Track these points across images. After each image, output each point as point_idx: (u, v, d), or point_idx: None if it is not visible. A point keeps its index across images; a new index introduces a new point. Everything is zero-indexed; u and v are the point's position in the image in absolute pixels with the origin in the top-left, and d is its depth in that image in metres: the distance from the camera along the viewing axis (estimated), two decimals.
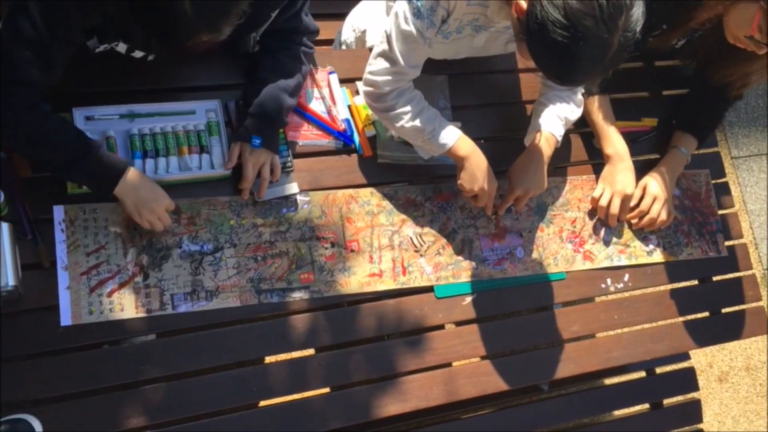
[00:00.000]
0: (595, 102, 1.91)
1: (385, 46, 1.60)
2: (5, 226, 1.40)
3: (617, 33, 1.29)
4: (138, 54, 1.53)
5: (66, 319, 1.47)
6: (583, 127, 2.00)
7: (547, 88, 1.80)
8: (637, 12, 1.31)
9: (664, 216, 1.93)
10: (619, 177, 1.89)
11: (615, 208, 1.89)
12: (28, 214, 1.50)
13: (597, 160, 2.00)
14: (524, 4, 1.35)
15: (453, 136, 1.67)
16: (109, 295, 1.51)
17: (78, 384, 1.49)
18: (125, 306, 1.51)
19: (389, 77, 1.62)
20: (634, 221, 1.95)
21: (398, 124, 1.67)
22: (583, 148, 2.01)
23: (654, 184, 1.92)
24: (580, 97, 1.81)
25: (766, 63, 1.75)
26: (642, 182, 1.94)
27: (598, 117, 1.92)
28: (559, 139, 1.78)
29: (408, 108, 1.64)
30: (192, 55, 1.62)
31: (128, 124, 1.59)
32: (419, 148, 1.76)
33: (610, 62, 1.33)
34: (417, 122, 1.65)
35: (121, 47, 1.49)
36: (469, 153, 1.69)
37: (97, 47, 1.45)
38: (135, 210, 1.49)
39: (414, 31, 1.55)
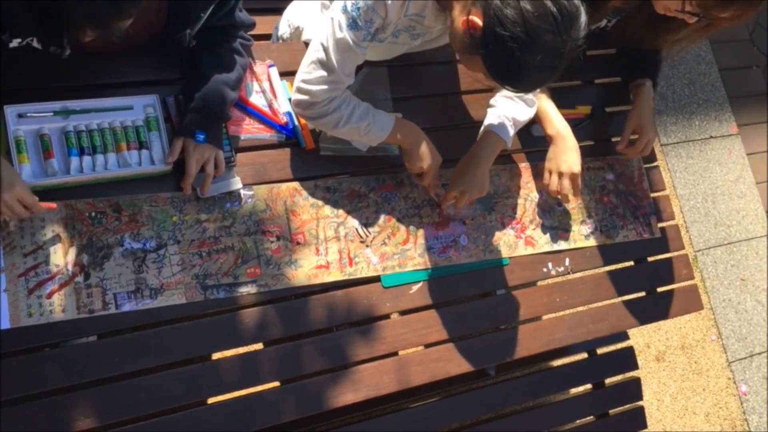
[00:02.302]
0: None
1: (321, 55, 1.56)
2: None
3: (570, 42, 1.35)
4: (54, 50, 1.46)
5: (5, 322, 1.43)
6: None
7: (498, 88, 1.83)
8: (583, 19, 1.36)
9: (648, 151, 2.07)
10: (564, 157, 1.89)
11: (566, 189, 1.89)
12: None
13: (535, 148, 2.04)
14: (479, 21, 1.37)
15: (388, 125, 1.68)
16: (49, 296, 1.47)
17: (20, 388, 1.44)
18: (66, 307, 1.48)
19: (325, 86, 1.58)
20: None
21: (333, 128, 1.64)
22: (521, 136, 2.04)
23: (646, 127, 2.03)
24: (530, 96, 1.84)
25: (695, 28, 1.81)
26: (631, 125, 2.04)
27: (539, 102, 1.96)
28: (508, 141, 1.80)
29: (341, 110, 1.61)
30: (107, 50, 1.58)
31: (63, 121, 1.54)
32: (356, 142, 1.75)
33: (561, 69, 1.39)
34: (352, 122, 1.63)
35: (37, 43, 1.44)
36: (407, 133, 1.71)
37: (10, 42, 1.39)
38: None
39: (350, 40, 1.52)
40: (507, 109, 1.80)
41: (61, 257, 1.50)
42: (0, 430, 1.40)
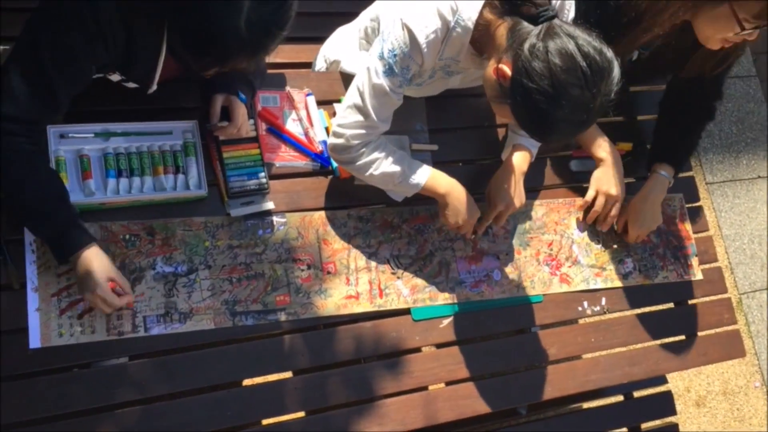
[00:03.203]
0: None
1: (357, 100, 1.56)
2: None
3: (599, 97, 1.32)
4: (131, 85, 1.53)
5: (35, 341, 1.44)
6: (558, 151, 2.02)
7: None
8: (616, 73, 1.34)
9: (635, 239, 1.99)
10: (615, 180, 1.88)
11: (611, 215, 1.90)
12: None
13: (573, 183, 2.01)
14: (508, 70, 1.36)
15: (424, 175, 1.65)
16: (80, 317, 1.48)
17: (48, 408, 1.45)
18: (96, 328, 1.49)
19: (361, 131, 1.58)
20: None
21: (367, 173, 1.63)
22: (558, 171, 2.02)
23: (641, 220, 1.94)
24: None
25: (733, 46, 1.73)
26: (626, 217, 1.96)
27: None
28: (534, 153, 1.80)
29: (374, 156, 1.61)
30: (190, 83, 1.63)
31: (103, 143, 1.57)
32: (391, 192, 1.73)
33: (590, 122, 1.38)
34: (385, 168, 1.62)
35: (114, 77, 1.49)
36: (447, 187, 1.68)
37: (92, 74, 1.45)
38: (79, 287, 1.45)
39: (386, 87, 1.52)
40: None
41: None
42: None
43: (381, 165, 1.61)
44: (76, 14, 1.29)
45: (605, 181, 1.90)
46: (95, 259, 1.43)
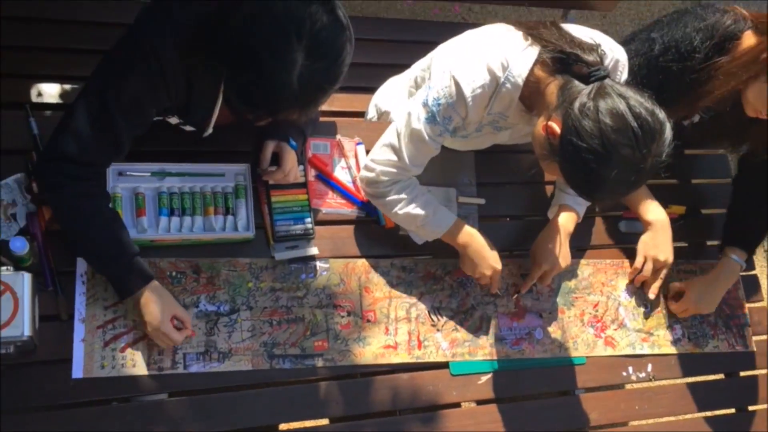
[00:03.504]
0: None
1: (394, 140, 1.60)
2: (27, 276, 1.42)
3: (650, 158, 1.31)
4: (188, 128, 1.59)
5: (78, 371, 1.47)
6: (607, 210, 1.99)
7: None
8: (668, 135, 1.33)
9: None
10: (663, 247, 1.85)
11: (660, 279, 1.86)
12: (52, 265, 1.52)
13: (621, 245, 1.98)
14: (557, 128, 1.37)
15: (446, 223, 1.66)
16: (123, 350, 1.51)
17: None
18: (137, 362, 1.51)
19: (391, 169, 1.61)
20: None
21: (392, 211, 1.66)
22: (608, 231, 1.99)
23: (696, 295, 1.89)
24: None
25: None
26: (686, 287, 1.91)
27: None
28: (581, 214, 1.78)
29: (402, 195, 1.63)
30: (242, 129, 1.67)
31: (158, 182, 1.62)
32: (413, 234, 1.74)
33: (640, 183, 1.37)
34: (410, 210, 1.63)
35: (173, 120, 1.54)
36: (465, 238, 1.67)
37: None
38: (144, 324, 1.49)
39: (425, 134, 1.54)
40: None
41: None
42: None
43: (407, 206, 1.63)
44: (144, 64, 1.35)
45: (652, 246, 1.86)
46: (158, 296, 1.48)
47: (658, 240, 1.86)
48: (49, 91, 1.81)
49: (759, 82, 1.61)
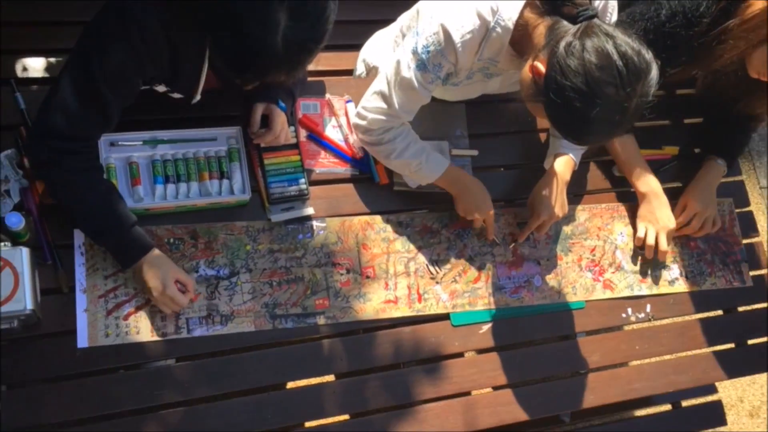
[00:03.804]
0: (620, 140, 1.90)
1: (384, 87, 1.60)
2: (25, 251, 1.43)
3: (635, 98, 1.30)
4: (176, 95, 1.57)
5: (83, 341, 1.49)
6: (601, 156, 1.99)
7: None
8: (654, 75, 1.32)
9: (709, 228, 1.96)
10: (659, 213, 1.88)
11: (663, 245, 1.87)
12: (49, 239, 1.53)
13: (615, 188, 1.99)
14: (542, 68, 1.36)
15: (439, 168, 1.68)
16: (126, 318, 1.52)
17: (95, 408, 1.49)
18: (141, 329, 1.53)
19: (382, 117, 1.63)
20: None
21: (385, 158, 1.69)
22: (602, 176, 2.00)
23: (694, 200, 1.93)
24: None
25: None
26: (682, 200, 1.95)
27: (625, 154, 1.91)
28: (577, 162, 1.78)
29: (395, 143, 1.65)
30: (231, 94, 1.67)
31: (151, 150, 1.62)
32: (407, 178, 1.76)
33: (626, 124, 1.35)
34: (404, 157, 1.66)
35: (160, 88, 1.54)
36: (458, 182, 1.70)
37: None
38: (149, 291, 1.50)
39: (415, 81, 1.54)
40: None
41: None
42: None
43: (400, 154, 1.65)
44: (125, 34, 1.34)
45: (650, 216, 1.89)
46: (159, 263, 1.49)
47: (652, 208, 1.89)
48: (34, 66, 1.79)
49: (764, 45, 1.58)
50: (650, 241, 1.88)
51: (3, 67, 1.74)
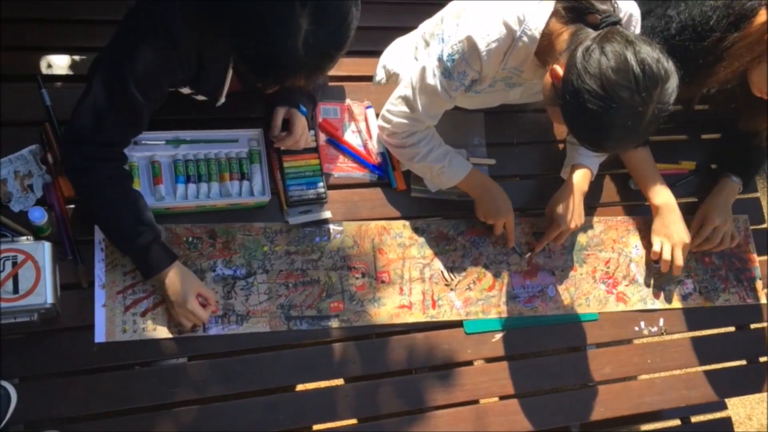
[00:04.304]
0: (636, 153, 1.90)
1: (408, 92, 1.62)
2: (47, 245, 1.45)
3: (652, 104, 1.30)
4: (200, 98, 1.59)
5: (100, 336, 1.50)
6: (617, 168, 2.00)
7: None
8: (673, 84, 1.31)
9: (728, 243, 1.95)
10: (674, 228, 1.87)
11: (679, 260, 1.86)
12: (70, 234, 1.55)
13: (631, 201, 1.99)
14: (560, 71, 1.37)
15: (461, 172, 1.70)
16: (143, 314, 1.54)
17: (110, 403, 1.51)
18: (158, 326, 1.54)
19: (405, 121, 1.65)
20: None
21: (408, 161, 1.71)
22: (619, 189, 2.00)
23: (712, 215, 1.92)
24: None
25: None
26: (699, 215, 1.94)
27: (641, 167, 1.91)
28: (594, 172, 1.79)
29: (419, 147, 1.67)
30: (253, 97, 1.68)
31: (173, 150, 1.64)
32: (428, 181, 1.78)
33: (643, 132, 1.35)
34: (427, 161, 1.68)
35: (185, 90, 1.55)
36: (479, 185, 1.71)
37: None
38: (169, 304, 1.52)
39: (439, 88, 1.56)
40: None
41: None
42: None
43: (423, 157, 1.67)
44: (156, 38, 1.35)
45: (664, 230, 1.88)
46: (181, 276, 1.50)
47: (667, 222, 1.87)
48: (59, 63, 1.81)
49: (763, 62, 1.58)
50: (666, 255, 1.87)
51: (28, 64, 1.76)
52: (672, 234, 1.87)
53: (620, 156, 1.93)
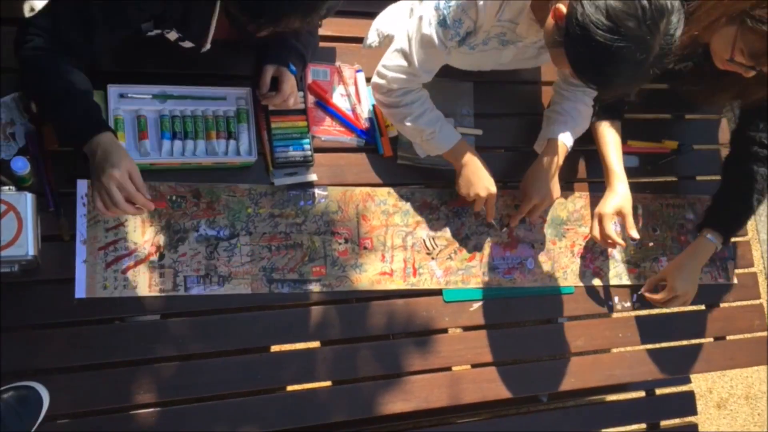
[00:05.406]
0: (602, 129, 1.87)
1: (405, 45, 1.61)
2: (29, 196, 1.42)
3: (658, 36, 1.28)
4: (187, 44, 1.55)
5: (80, 291, 1.50)
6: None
7: (560, 96, 1.81)
8: (677, 17, 1.30)
9: (678, 306, 1.93)
10: (610, 202, 1.81)
11: (629, 221, 1.78)
12: (53, 186, 1.53)
13: None
14: (563, 8, 1.35)
15: (451, 141, 1.69)
16: (124, 271, 1.53)
17: (88, 357, 1.51)
18: (139, 284, 1.54)
19: (402, 75, 1.63)
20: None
21: (400, 121, 1.69)
22: (598, 164, 1.99)
23: (676, 283, 1.86)
24: (590, 110, 1.81)
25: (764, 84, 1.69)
26: (664, 273, 1.89)
27: (606, 139, 1.87)
28: (570, 146, 1.78)
29: (413, 107, 1.66)
30: (241, 47, 1.66)
31: (160, 105, 1.61)
32: (417, 146, 1.78)
33: (649, 67, 1.32)
34: (419, 123, 1.67)
35: (172, 35, 1.52)
36: (465, 158, 1.71)
37: (150, 31, 1.49)
38: (94, 172, 1.38)
39: (435, 38, 1.55)
40: (570, 118, 1.77)
41: (140, 236, 1.56)
42: (67, 393, 1.48)
43: (416, 118, 1.66)
44: None
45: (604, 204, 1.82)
46: (117, 144, 1.39)
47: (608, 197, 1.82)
48: (42, 6, 1.76)
49: (721, 30, 1.57)
50: (595, 232, 1.81)
51: (12, 8, 1.71)
52: (605, 207, 1.80)
53: (627, 94, 1.86)
